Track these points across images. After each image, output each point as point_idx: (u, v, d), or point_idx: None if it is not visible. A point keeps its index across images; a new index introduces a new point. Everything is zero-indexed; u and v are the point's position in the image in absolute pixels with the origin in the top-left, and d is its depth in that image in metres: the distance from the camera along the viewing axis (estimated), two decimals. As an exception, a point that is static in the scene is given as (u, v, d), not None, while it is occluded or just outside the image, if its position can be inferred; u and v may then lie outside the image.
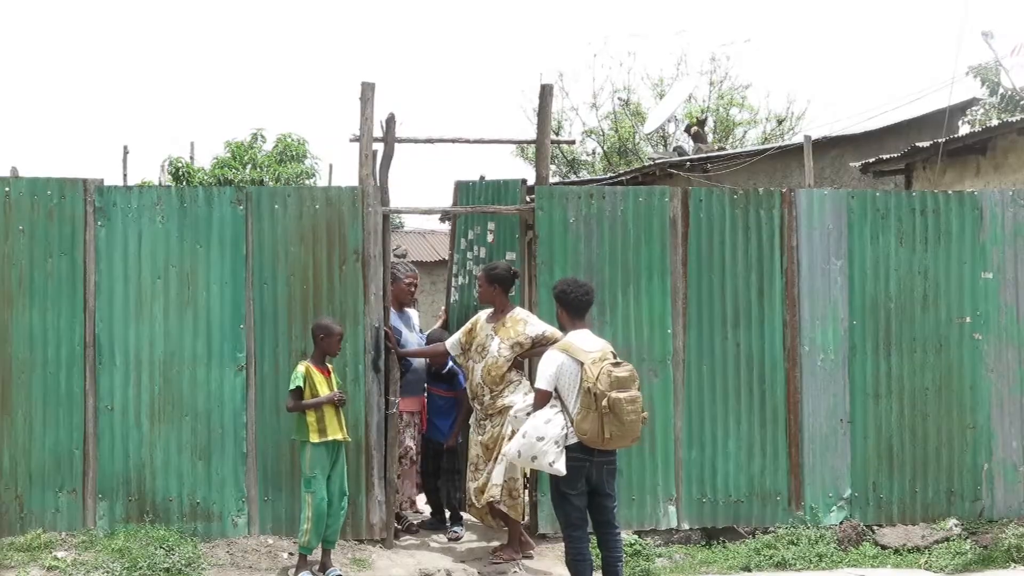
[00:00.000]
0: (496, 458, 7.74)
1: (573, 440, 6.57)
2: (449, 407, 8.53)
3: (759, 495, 8.41)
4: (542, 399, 6.66)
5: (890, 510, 8.51)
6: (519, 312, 7.97)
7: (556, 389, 6.63)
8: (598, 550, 6.86)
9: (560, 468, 6.53)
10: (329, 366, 7.67)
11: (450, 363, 8.54)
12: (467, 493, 8.08)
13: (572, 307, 6.85)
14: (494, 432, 7.82)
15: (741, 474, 8.40)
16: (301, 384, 7.46)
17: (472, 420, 8.04)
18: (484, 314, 8.05)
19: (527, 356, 7.84)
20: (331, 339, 7.55)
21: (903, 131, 14.70)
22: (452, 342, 8.17)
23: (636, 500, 8.27)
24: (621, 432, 6.49)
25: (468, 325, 8.11)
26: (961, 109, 15.37)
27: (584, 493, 6.64)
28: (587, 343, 6.72)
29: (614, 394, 6.42)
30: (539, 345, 7.65)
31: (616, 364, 6.57)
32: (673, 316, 8.41)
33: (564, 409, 6.61)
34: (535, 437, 6.56)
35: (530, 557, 7.90)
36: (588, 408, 6.47)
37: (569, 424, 6.57)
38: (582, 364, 6.55)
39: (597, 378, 6.45)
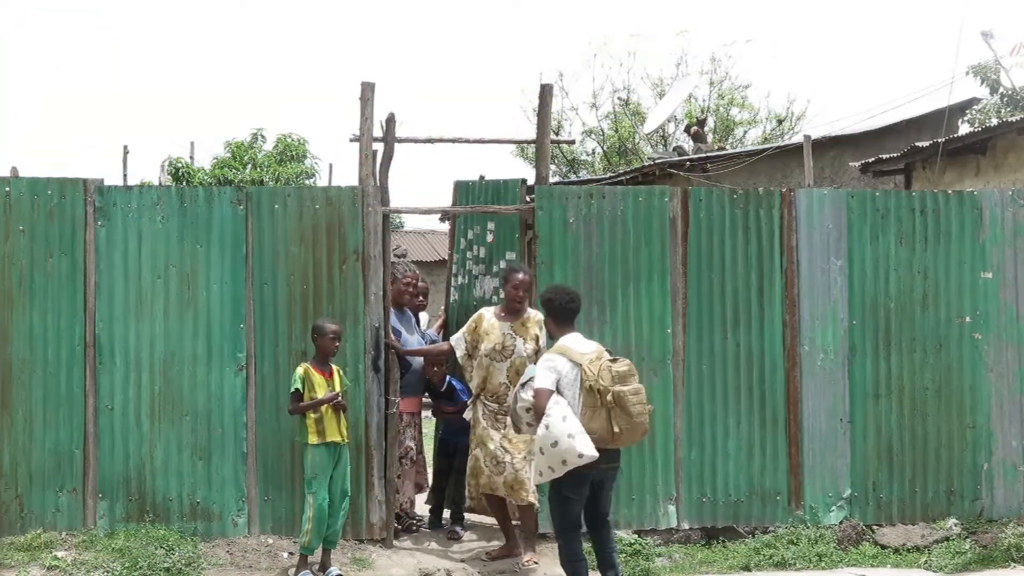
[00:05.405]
0: (525, 457, 7.69)
1: None
2: (459, 420, 8.53)
3: (759, 495, 8.41)
4: (545, 396, 6.50)
5: (890, 510, 8.51)
6: (537, 313, 7.94)
7: (558, 389, 6.58)
8: (591, 547, 6.86)
9: (593, 452, 6.37)
10: (334, 367, 7.67)
11: (448, 379, 8.52)
12: (476, 488, 7.95)
13: (559, 314, 6.84)
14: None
15: (741, 474, 8.40)
16: (299, 387, 7.46)
17: (484, 415, 7.89)
18: (490, 313, 7.96)
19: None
20: (323, 339, 7.56)
21: (903, 131, 14.71)
22: (457, 340, 8.08)
23: (636, 500, 8.27)
24: (631, 425, 6.46)
25: (472, 324, 8.00)
26: (961, 109, 15.38)
27: (585, 497, 6.64)
28: (581, 345, 6.72)
29: (617, 388, 6.43)
30: None
31: (613, 360, 6.58)
32: (673, 316, 8.41)
33: None
34: (565, 434, 6.36)
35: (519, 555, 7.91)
36: (593, 407, 6.44)
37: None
38: (580, 366, 6.54)
39: (598, 375, 6.45)
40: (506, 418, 7.72)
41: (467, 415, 8.08)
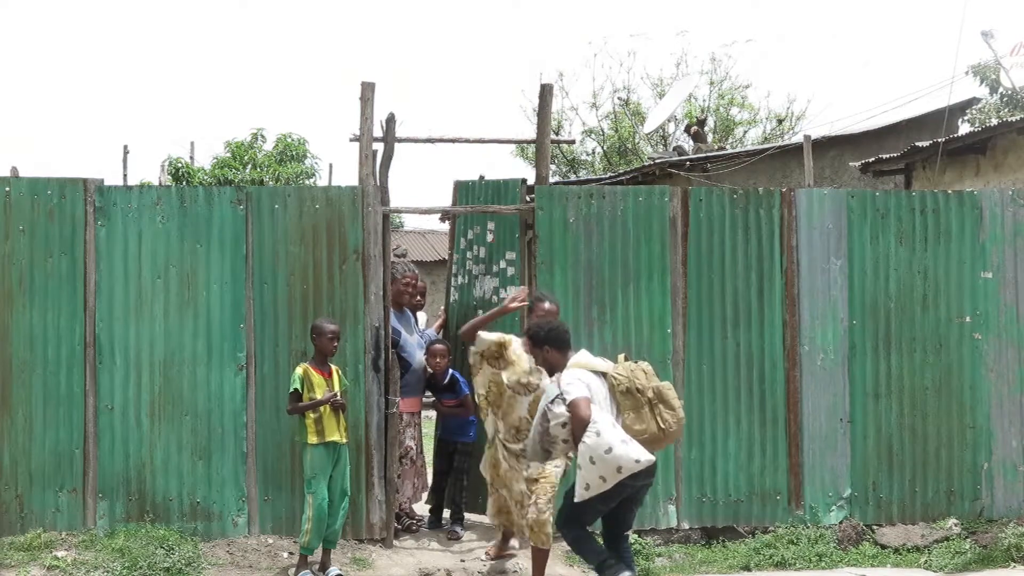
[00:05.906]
0: (549, 500, 7.16)
1: None
2: (458, 419, 8.48)
3: (759, 494, 8.41)
4: (586, 405, 6.26)
5: (890, 510, 8.52)
6: None
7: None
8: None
9: (650, 456, 6.25)
10: (333, 367, 7.67)
11: (450, 372, 8.49)
12: (504, 521, 7.78)
13: (561, 340, 6.70)
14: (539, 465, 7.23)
15: (741, 474, 8.41)
16: (299, 387, 7.46)
17: (505, 456, 7.61)
18: (518, 343, 7.54)
19: None
20: (322, 338, 7.55)
21: (903, 131, 14.70)
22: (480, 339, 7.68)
23: (636, 500, 8.26)
24: (676, 419, 6.40)
25: (498, 337, 7.58)
26: (961, 109, 15.37)
27: (610, 509, 6.50)
28: (595, 360, 6.65)
29: (655, 383, 6.42)
30: None
31: (636, 363, 6.58)
32: (673, 316, 8.42)
33: None
34: (619, 440, 6.19)
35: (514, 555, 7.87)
36: (636, 408, 6.37)
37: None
38: (605, 375, 6.48)
39: (632, 375, 6.42)
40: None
41: (477, 418, 7.87)
